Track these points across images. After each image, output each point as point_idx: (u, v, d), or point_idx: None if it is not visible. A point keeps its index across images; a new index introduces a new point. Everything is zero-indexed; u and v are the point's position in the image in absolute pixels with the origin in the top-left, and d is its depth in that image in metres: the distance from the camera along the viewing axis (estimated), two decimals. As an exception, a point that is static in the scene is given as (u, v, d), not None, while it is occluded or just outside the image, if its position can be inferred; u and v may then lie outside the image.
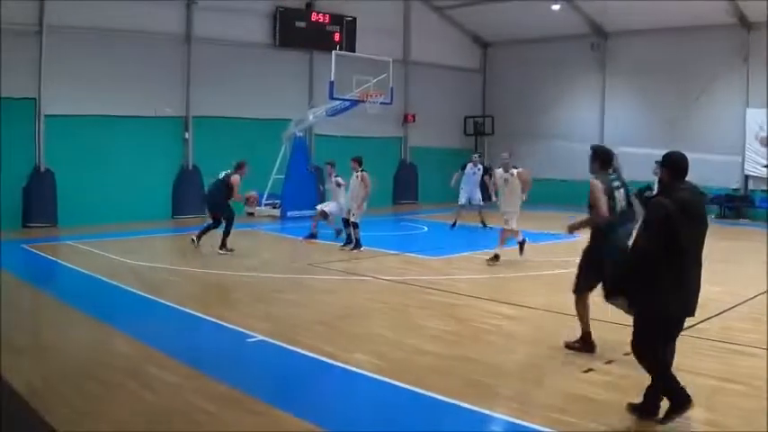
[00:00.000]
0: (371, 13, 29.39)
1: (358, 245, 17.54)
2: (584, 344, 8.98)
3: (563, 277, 13.95)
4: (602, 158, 9.11)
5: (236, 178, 17.15)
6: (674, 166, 6.61)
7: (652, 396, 6.68)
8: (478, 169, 22.79)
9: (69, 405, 7.05)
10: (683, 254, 6.36)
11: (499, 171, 16.88)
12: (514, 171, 16.50)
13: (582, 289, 8.94)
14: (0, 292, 11.81)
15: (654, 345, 6.59)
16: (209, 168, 24.79)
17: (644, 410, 6.71)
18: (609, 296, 7.07)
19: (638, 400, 6.78)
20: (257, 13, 26.58)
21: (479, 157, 24.75)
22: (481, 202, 22.61)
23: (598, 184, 8.81)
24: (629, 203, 9.08)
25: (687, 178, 6.60)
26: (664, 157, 6.69)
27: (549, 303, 11.75)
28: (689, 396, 6.46)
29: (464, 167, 22.70)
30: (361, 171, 17.53)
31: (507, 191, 16.42)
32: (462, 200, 22.34)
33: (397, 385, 7.66)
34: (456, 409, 7.00)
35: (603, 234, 8.71)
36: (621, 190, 9.02)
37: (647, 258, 6.39)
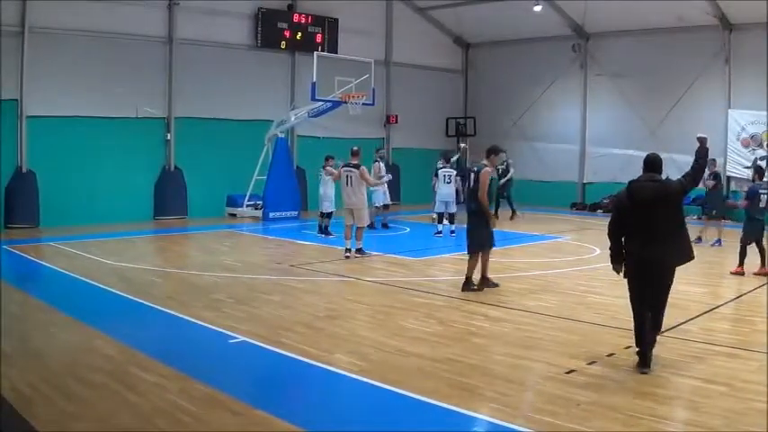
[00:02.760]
0: (353, 15, 29.43)
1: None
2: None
3: (544, 278, 14.09)
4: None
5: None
6: (645, 163, 8.72)
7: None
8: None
9: (52, 407, 7.01)
10: (636, 225, 8.40)
11: None
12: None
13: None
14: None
15: (633, 295, 8.52)
16: (191, 169, 24.86)
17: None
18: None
19: (622, 399, 6.81)
20: (239, 15, 26.51)
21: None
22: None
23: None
24: None
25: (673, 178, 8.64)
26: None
27: (530, 304, 11.80)
28: (645, 352, 8.23)
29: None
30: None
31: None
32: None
33: (380, 386, 7.66)
34: (439, 410, 7.01)
35: None
36: None
37: (611, 230, 8.66)
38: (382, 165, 22.38)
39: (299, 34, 27.81)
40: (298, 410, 7.22)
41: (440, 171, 21.06)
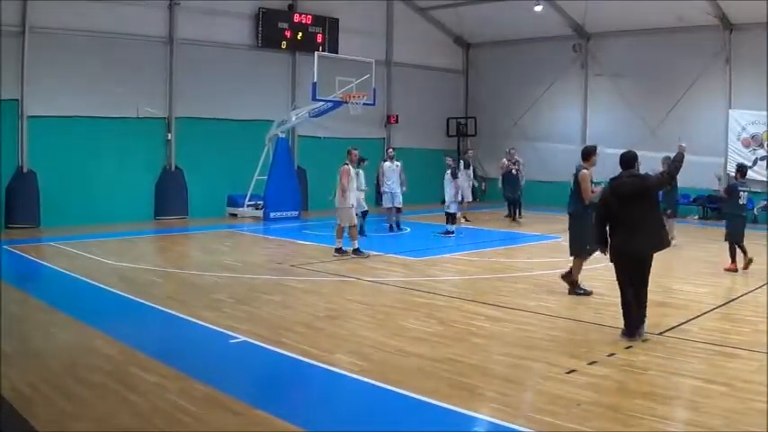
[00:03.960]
0: (354, 14, 29.45)
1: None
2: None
3: (544, 278, 14.07)
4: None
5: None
6: (620, 161, 9.90)
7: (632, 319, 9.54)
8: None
9: (52, 407, 7.01)
10: (618, 217, 9.55)
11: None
12: None
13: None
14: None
15: (619, 277, 9.69)
16: (192, 169, 24.86)
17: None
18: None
19: (622, 400, 6.81)
20: (240, 15, 26.52)
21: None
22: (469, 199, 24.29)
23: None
24: None
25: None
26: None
27: (531, 304, 11.79)
28: (636, 329, 9.46)
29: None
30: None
31: None
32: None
33: (381, 386, 7.66)
34: (439, 410, 7.00)
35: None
36: None
37: (596, 220, 10.02)
38: (387, 164, 22.11)
39: (300, 34, 27.81)
40: (298, 410, 7.22)
41: (459, 172, 21.13)
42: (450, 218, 20.53)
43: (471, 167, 25.83)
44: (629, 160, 9.83)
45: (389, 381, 7.77)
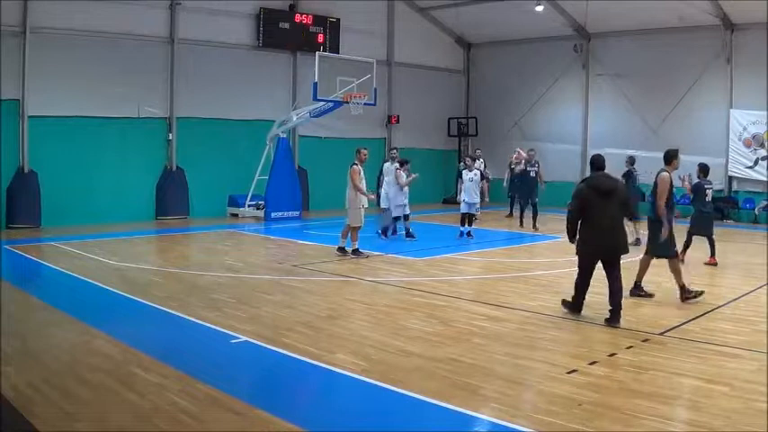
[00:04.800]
0: (355, 14, 29.43)
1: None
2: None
3: (544, 278, 14.07)
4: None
5: None
6: (591, 163, 10.97)
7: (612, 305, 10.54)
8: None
9: (53, 406, 7.01)
10: (593, 215, 10.46)
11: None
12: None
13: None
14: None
15: (581, 268, 10.76)
16: (193, 169, 24.86)
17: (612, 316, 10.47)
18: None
19: (623, 400, 6.80)
20: (241, 15, 26.54)
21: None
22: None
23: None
24: None
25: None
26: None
27: (531, 304, 11.79)
28: (579, 310, 10.82)
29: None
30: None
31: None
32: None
33: (381, 386, 7.66)
34: (440, 410, 7.00)
35: None
36: None
37: (571, 217, 10.73)
38: (387, 165, 21.41)
39: (301, 34, 27.81)
40: (299, 410, 7.22)
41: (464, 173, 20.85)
42: (468, 219, 20.29)
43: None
44: (603, 162, 10.88)
45: (390, 381, 7.77)
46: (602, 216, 10.40)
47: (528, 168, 23.25)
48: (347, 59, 24.90)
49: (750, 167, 26.01)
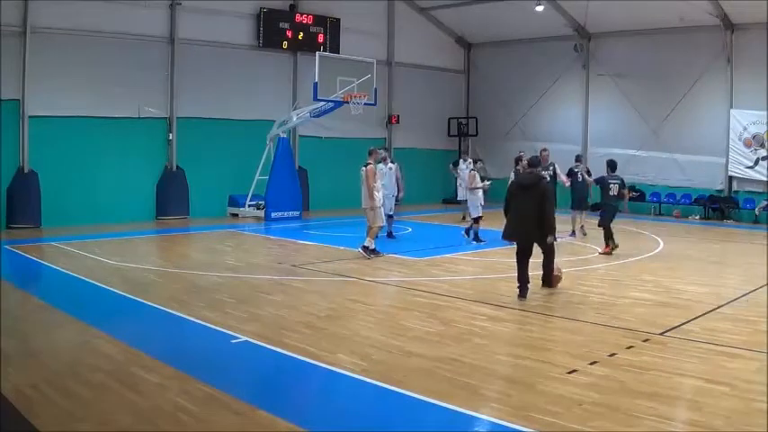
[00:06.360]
0: (355, 14, 29.43)
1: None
2: None
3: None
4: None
5: None
6: (528, 162, 13.35)
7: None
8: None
9: (53, 406, 7.01)
10: (516, 206, 12.35)
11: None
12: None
13: None
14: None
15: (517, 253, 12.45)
16: (193, 169, 24.87)
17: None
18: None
19: (624, 399, 6.81)
20: (241, 15, 26.54)
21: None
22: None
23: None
24: None
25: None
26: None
27: (532, 304, 11.80)
28: (525, 291, 12.16)
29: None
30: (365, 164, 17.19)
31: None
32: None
33: (382, 386, 7.66)
34: (441, 410, 7.00)
35: None
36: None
37: (504, 208, 12.78)
38: (380, 167, 21.15)
39: (301, 34, 27.83)
40: (299, 410, 7.22)
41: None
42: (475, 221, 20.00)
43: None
44: (538, 162, 13.42)
45: (391, 381, 7.77)
46: (520, 207, 12.28)
47: (543, 172, 22.34)
48: (347, 59, 24.89)
49: (750, 167, 26.00)
